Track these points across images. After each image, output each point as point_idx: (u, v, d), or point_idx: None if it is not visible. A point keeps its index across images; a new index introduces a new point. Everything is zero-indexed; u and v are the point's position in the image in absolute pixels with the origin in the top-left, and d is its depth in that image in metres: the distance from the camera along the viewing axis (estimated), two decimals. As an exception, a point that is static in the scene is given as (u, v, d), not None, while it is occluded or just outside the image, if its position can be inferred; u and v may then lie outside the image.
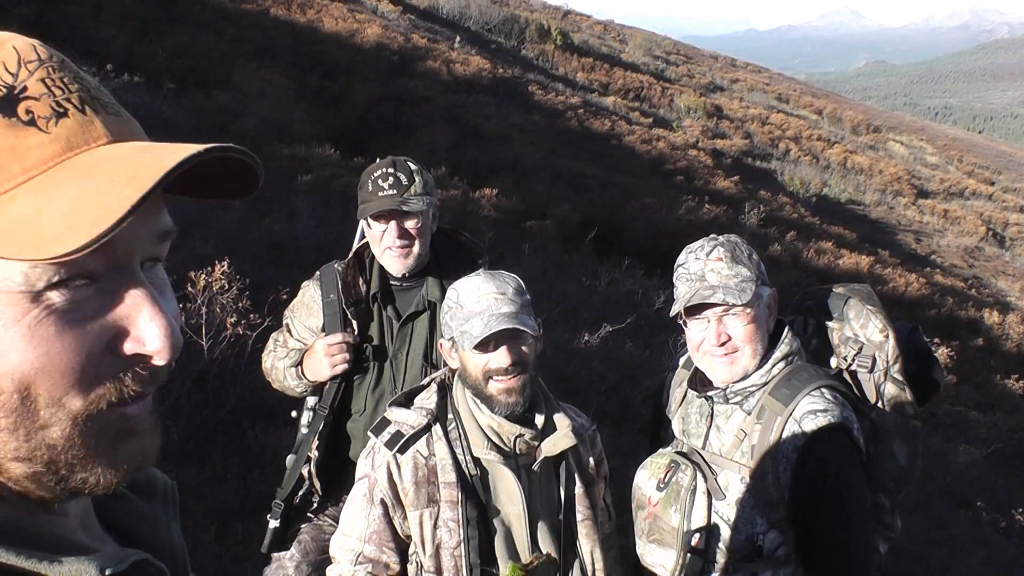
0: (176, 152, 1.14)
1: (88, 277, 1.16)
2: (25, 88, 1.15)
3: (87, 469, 1.19)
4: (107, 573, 1.13)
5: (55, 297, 1.13)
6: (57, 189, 1.10)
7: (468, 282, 3.55)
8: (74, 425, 1.17)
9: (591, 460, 3.89)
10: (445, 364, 3.80)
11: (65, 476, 1.18)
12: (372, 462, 3.58)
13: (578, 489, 3.78)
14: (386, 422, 3.63)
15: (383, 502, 3.51)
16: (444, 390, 3.72)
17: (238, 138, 18.38)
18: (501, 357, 3.44)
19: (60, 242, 1.06)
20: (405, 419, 3.60)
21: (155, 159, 1.13)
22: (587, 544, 3.77)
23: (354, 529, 3.57)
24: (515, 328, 3.41)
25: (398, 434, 3.56)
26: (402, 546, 3.57)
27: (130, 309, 1.20)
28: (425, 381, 3.83)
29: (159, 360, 1.22)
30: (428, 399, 3.68)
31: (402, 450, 3.52)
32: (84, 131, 1.18)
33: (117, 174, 1.11)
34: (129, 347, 1.20)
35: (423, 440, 3.57)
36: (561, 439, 3.64)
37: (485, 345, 3.42)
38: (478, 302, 3.46)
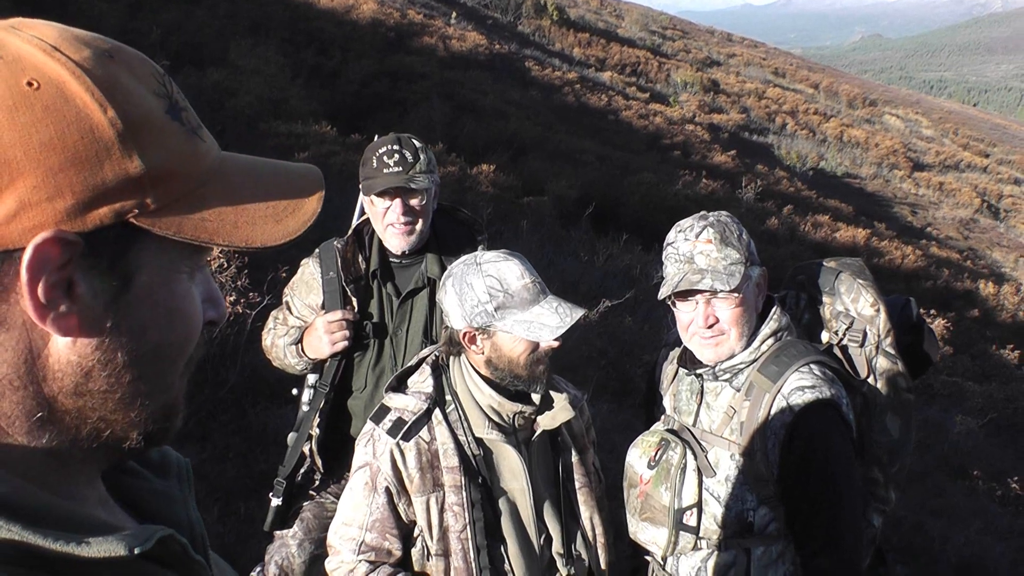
0: (308, 169, 1.47)
1: None
2: (177, 100, 1.29)
3: (175, 420, 1.39)
4: (136, 551, 1.16)
5: (199, 278, 1.38)
6: (240, 192, 1.33)
7: (507, 269, 3.48)
8: (182, 384, 1.38)
9: (582, 428, 3.95)
10: (445, 343, 3.75)
11: (169, 429, 1.37)
12: (373, 450, 3.56)
13: (574, 458, 3.85)
14: (385, 409, 3.62)
15: (388, 490, 3.51)
16: (439, 371, 3.71)
17: (234, 115, 18.37)
18: (555, 342, 3.46)
19: (271, 235, 1.33)
20: (405, 405, 3.59)
21: (302, 175, 1.44)
22: (586, 511, 3.85)
23: (355, 518, 3.57)
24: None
25: (400, 421, 3.54)
26: (404, 531, 3.58)
27: (208, 284, 1.42)
28: (414, 362, 3.83)
29: (220, 323, 1.46)
30: (424, 382, 3.66)
31: (406, 437, 3.51)
32: (213, 140, 1.36)
33: (286, 185, 1.40)
34: (209, 314, 1.41)
35: (424, 425, 3.56)
36: (560, 412, 3.67)
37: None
38: (528, 290, 3.44)
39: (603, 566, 3.90)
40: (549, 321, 3.37)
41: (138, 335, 1.24)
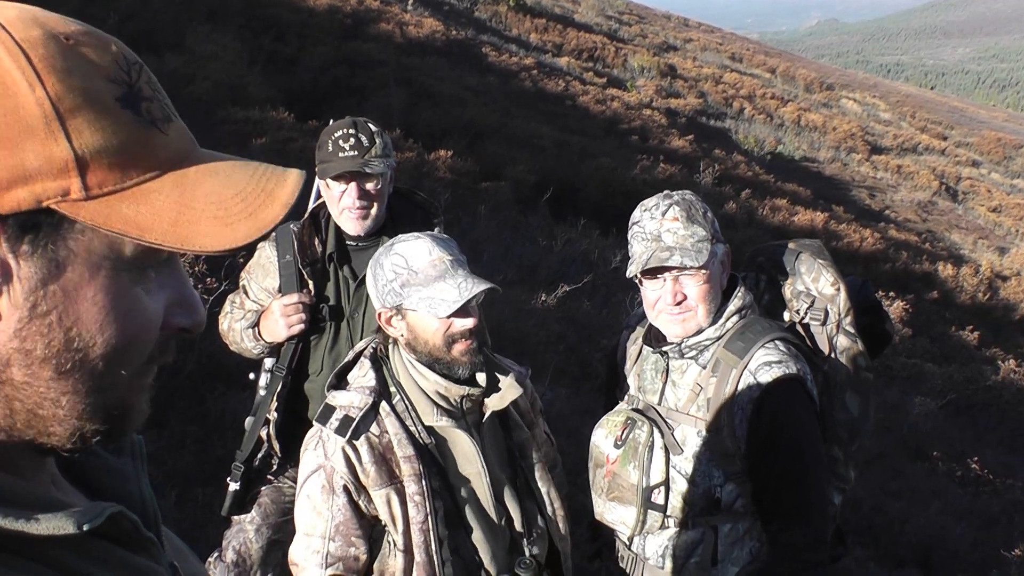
0: (288, 174, 1.34)
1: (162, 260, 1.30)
2: (140, 89, 1.24)
3: (127, 422, 1.32)
4: (85, 528, 1.15)
5: (152, 275, 1.29)
6: (193, 190, 1.24)
7: (414, 247, 3.48)
8: (132, 385, 1.30)
9: (528, 404, 3.96)
10: (379, 331, 3.75)
11: (112, 431, 1.30)
12: (324, 451, 3.49)
13: (525, 435, 3.85)
14: (330, 408, 3.55)
15: (345, 488, 3.44)
16: (378, 363, 3.68)
17: (192, 102, 18.30)
18: (468, 321, 3.44)
19: (215, 239, 1.23)
20: (350, 402, 3.53)
21: (278, 180, 1.32)
22: (543, 485, 3.85)
23: (316, 526, 3.48)
24: (490, 288, 3.42)
25: (347, 419, 3.47)
26: (368, 532, 3.51)
27: (180, 288, 1.35)
28: (351, 357, 3.79)
29: (194, 331, 1.37)
30: (365, 376, 3.61)
31: (356, 434, 3.45)
32: (185, 137, 1.30)
33: (252, 188, 1.29)
34: (179, 320, 1.34)
35: (373, 420, 3.51)
36: (508, 391, 3.66)
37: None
38: (434, 266, 3.42)
39: (562, 531, 3.90)
40: (447, 296, 3.35)
41: (62, 330, 1.19)
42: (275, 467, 4.79)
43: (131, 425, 1.33)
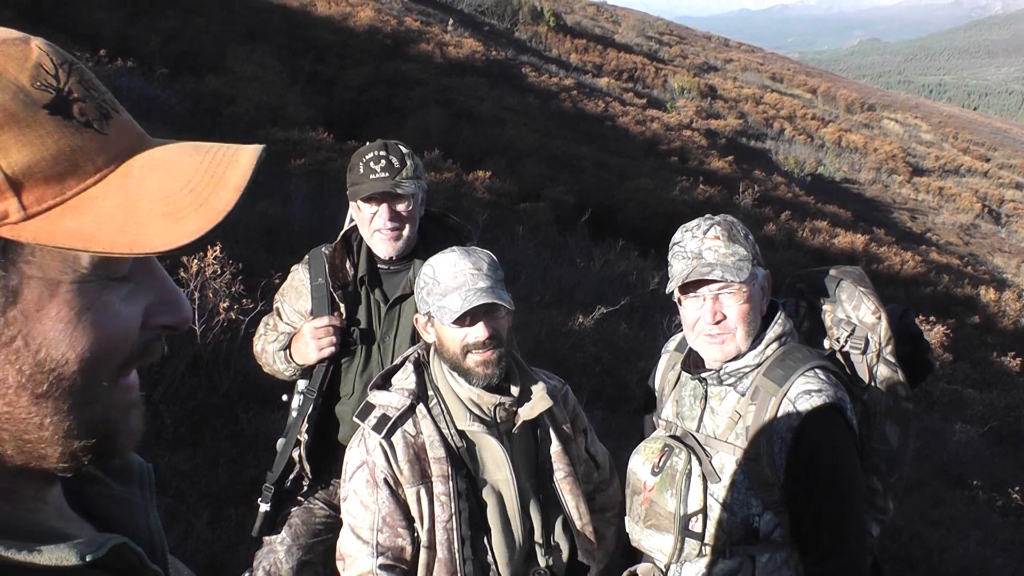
0: (241, 154, 1.24)
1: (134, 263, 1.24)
2: (71, 91, 1.17)
3: (117, 439, 1.26)
4: (87, 559, 1.14)
5: (118, 284, 1.21)
6: (138, 189, 1.16)
7: (444, 258, 3.63)
8: (114, 398, 1.24)
9: (566, 417, 4.01)
10: (421, 341, 3.89)
11: (103, 447, 1.24)
12: (366, 447, 3.63)
13: (555, 448, 3.89)
14: (370, 407, 3.71)
15: (387, 482, 3.58)
16: (420, 368, 3.81)
17: (232, 122, 18.47)
18: (478, 331, 3.55)
19: (165, 238, 1.13)
20: (389, 402, 3.68)
21: (230, 162, 1.22)
22: (571, 499, 3.89)
23: (364, 519, 3.61)
24: (492, 303, 3.51)
25: (384, 417, 3.63)
26: (411, 525, 3.62)
27: (160, 286, 1.28)
28: (398, 360, 3.91)
29: (180, 329, 1.31)
30: (407, 379, 3.76)
31: (391, 432, 3.59)
32: (129, 132, 1.23)
33: (200, 176, 1.19)
34: (161, 320, 1.27)
35: (409, 420, 3.64)
36: (538, 402, 3.75)
37: (463, 320, 3.51)
38: (455, 278, 3.54)
39: (590, 538, 3.95)
40: (453, 305, 3.49)
41: (30, 353, 1.15)
42: (306, 488, 4.79)
43: (122, 441, 1.28)
